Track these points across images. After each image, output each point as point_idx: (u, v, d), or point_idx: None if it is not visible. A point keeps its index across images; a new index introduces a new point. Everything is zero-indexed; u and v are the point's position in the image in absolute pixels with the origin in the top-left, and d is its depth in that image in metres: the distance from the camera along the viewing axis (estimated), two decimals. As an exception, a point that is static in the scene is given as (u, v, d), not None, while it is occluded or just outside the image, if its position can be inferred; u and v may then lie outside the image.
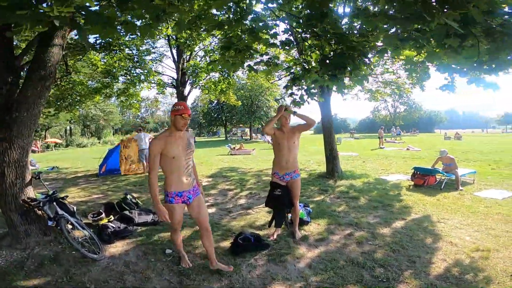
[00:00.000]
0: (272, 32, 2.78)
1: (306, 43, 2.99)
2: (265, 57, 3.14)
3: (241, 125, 43.30)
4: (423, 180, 6.75)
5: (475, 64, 1.87)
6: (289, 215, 3.78)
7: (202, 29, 3.32)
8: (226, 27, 2.72)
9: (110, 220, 4.13)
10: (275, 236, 3.54)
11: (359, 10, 2.57)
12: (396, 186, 6.77)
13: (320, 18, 2.33)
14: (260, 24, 2.66)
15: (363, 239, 3.48)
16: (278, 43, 2.92)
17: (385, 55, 3.14)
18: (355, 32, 2.65)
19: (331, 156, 8.00)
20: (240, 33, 2.72)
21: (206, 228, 2.62)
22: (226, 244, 3.39)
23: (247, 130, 45.20)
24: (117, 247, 3.38)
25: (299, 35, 2.88)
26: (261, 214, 4.58)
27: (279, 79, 11.89)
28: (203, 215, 2.61)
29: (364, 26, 2.42)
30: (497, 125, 66.10)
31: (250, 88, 32.12)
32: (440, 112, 58.39)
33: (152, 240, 3.56)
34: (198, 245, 3.37)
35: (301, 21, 2.53)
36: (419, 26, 1.79)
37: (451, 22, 1.46)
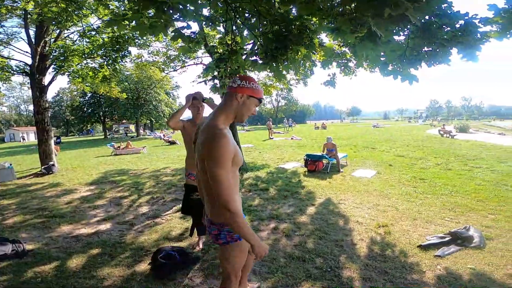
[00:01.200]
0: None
1: (239, 21, 2.63)
2: (187, 30, 2.54)
3: (124, 121, 37.93)
4: (314, 165, 7.67)
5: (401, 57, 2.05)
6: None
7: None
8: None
9: None
10: (201, 246, 3.10)
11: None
12: (294, 174, 7.39)
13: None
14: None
15: (290, 231, 3.50)
16: (204, 18, 2.43)
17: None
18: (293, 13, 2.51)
19: (235, 149, 7.95)
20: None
21: None
22: (143, 267, 2.70)
23: (132, 126, 40.21)
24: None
25: (232, 12, 2.48)
26: (174, 222, 3.97)
27: (174, 70, 10.86)
28: None
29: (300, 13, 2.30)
30: (346, 117, 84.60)
31: (136, 80, 28.31)
32: (309, 105, 69.28)
33: (25, 278, 2.51)
34: (105, 274, 2.54)
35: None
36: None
37: (412, 15, 1.50)
